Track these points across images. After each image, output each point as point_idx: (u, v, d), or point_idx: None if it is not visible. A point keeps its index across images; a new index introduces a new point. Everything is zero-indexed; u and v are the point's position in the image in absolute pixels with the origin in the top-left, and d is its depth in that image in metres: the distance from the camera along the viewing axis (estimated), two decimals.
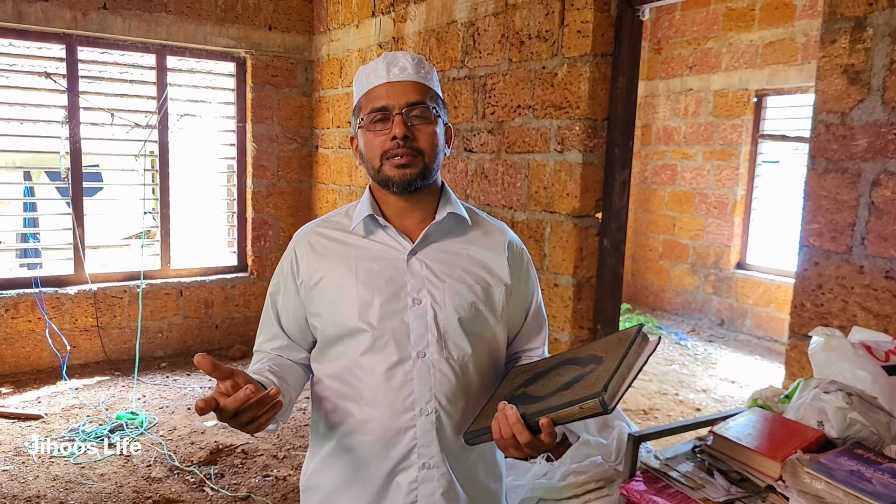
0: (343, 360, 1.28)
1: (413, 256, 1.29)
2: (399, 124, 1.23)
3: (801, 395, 1.60)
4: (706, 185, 6.38)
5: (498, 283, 1.33)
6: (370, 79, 1.29)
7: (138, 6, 4.51)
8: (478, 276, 1.31)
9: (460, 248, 1.33)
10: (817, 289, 2.06)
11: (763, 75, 5.78)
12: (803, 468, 1.33)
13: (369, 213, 1.30)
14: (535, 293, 1.43)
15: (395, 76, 1.26)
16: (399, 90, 1.25)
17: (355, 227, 1.32)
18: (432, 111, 1.27)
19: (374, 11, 4.35)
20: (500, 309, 1.33)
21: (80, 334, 4.58)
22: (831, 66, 2.00)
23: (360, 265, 1.28)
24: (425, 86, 1.28)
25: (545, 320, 1.46)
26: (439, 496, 1.25)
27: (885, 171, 1.88)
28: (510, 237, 1.40)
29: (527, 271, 1.40)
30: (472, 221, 1.37)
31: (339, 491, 1.31)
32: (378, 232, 1.31)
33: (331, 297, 1.28)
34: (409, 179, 1.24)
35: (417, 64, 1.28)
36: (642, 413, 4.18)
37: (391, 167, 1.24)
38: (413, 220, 1.32)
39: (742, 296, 6.09)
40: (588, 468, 1.77)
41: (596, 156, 2.85)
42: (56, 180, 4.73)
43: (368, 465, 1.26)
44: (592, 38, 2.76)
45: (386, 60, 1.28)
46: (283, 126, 5.21)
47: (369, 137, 1.27)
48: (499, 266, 1.34)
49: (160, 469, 3.21)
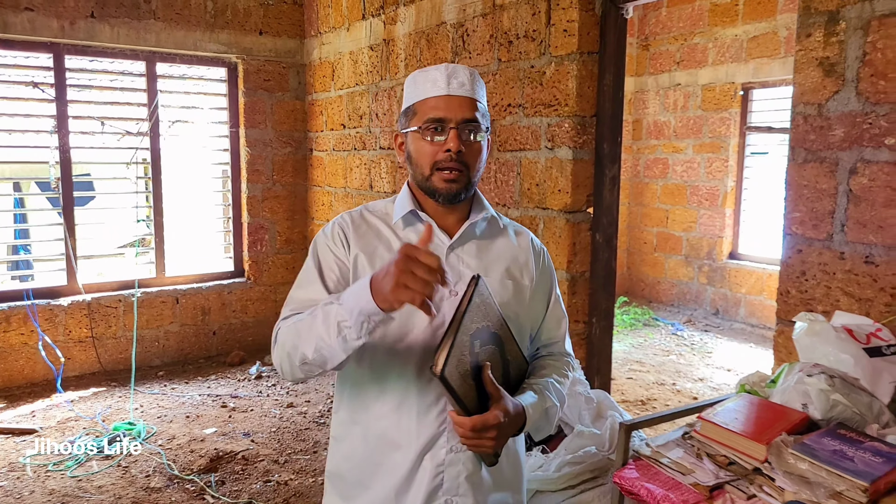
0: (379, 344, 1.31)
1: (451, 252, 1.37)
2: (454, 139, 1.31)
3: (786, 379, 1.65)
4: (697, 177, 6.44)
5: (526, 281, 1.43)
6: (429, 87, 1.35)
7: (126, 14, 4.53)
8: (510, 273, 1.41)
9: (493, 247, 1.42)
10: (801, 275, 2.10)
11: (748, 69, 5.85)
12: (788, 449, 1.37)
13: (411, 208, 1.38)
14: (553, 288, 1.52)
15: (454, 90, 1.33)
16: (457, 105, 1.32)
17: (396, 221, 1.39)
18: (483, 127, 1.35)
19: (365, 14, 4.39)
20: (527, 304, 1.43)
21: (74, 346, 4.56)
22: (807, 60, 2.05)
23: None
24: (478, 102, 1.36)
25: (564, 314, 1.54)
26: (464, 479, 1.30)
27: (862, 160, 1.93)
28: (532, 238, 1.51)
29: (548, 269, 1.51)
30: (501, 223, 1.47)
31: (367, 474, 1.34)
32: (418, 225, 1.39)
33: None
34: (454, 193, 1.34)
35: (474, 80, 1.36)
36: (640, 403, 4.23)
37: (440, 180, 1.33)
38: (450, 220, 1.40)
39: (735, 285, 6.16)
40: (583, 458, 1.81)
41: (586, 152, 2.90)
42: (46, 190, 4.73)
43: (397, 451, 1.30)
44: (578, 36, 2.80)
45: (447, 72, 1.35)
46: (277, 130, 5.24)
47: (422, 145, 1.34)
48: (526, 265, 1.45)
49: (159, 479, 3.19)
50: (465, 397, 1.20)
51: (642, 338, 5.80)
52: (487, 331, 1.26)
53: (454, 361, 1.18)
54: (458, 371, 1.19)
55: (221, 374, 4.73)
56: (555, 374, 1.43)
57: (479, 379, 1.23)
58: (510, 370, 1.34)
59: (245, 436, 3.70)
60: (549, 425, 1.38)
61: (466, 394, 1.20)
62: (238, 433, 3.73)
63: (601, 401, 2.03)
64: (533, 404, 1.30)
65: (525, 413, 1.27)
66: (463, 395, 1.19)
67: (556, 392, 1.39)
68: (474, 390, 1.23)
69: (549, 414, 1.36)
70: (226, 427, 3.80)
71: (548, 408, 1.35)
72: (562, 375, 1.45)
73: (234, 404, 4.14)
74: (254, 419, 3.92)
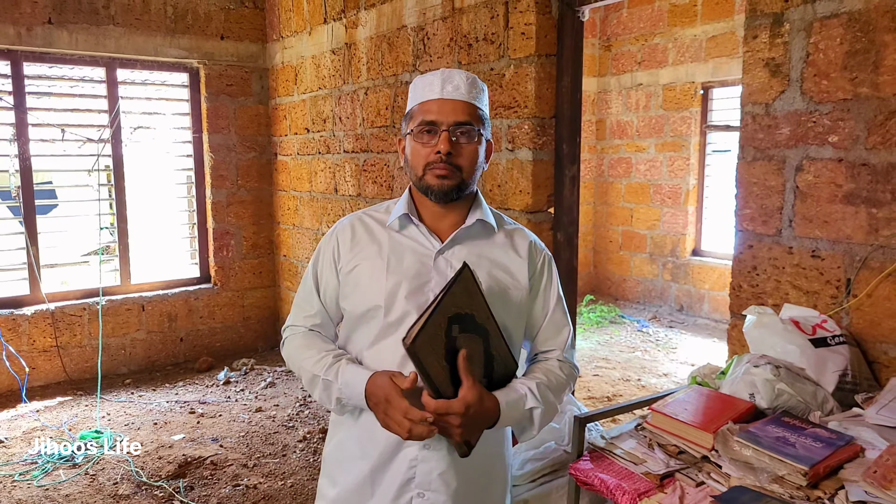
0: (362, 342, 1.40)
1: (440, 256, 1.40)
2: (444, 141, 1.34)
3: (735, 370, 1.71)
4: (660, 176, 6.56)
5: (517, 286, 1.43)
6: (425, 91, 1.40)
7: (85, 19, 4.47)
8: (497, 279, 1.41)
9: (484, 252, 1.43)
10: (752, 270, 2.17)
11: (707, 68, 5.98)
12: (733, 437, 1.43)
13: (405, 212, 1.42)
14: (553, 295, 1.49)
15: (448, 94, 1.37)
16: (450, 108, 1.36)
17: (391, 223, 1.44)
18: (476, 131, 1.37)
19: (326, 18, 4.39)
20: (516, 308, 1.42)
21: (38, 355, 4.50)
22: (754, 60, 2.13)
23: (391, 257, 1.40)
24: (474, 106, 1.39)
25: (567, 324, 1.50)
26: (436, 476, 1.33)
27: (807, 157, 2.00)
28: (532, 241, 1.50)
29: (546, 274, 1.49)
30: (499, 227, 1.48)
31: (348, 460, 1.42)
32: (411, 228, 1.43)
33: (364, 282, 1.40)
34: (446, 190, 1.36)
35: (470, 84, 1.39)
36: (606, 400, 4.30)
37: (432, 176, 1.36)
38: (446, 223, 1.43)
39: (699, 281, 6.29)
40: (545, 454, 1.85)
41: (545, 153, 2.95)
42: (7, 199, 4.64)
43: (377, 440, 1.36)
44: (536, 39, 2.85)
45: (442, 77, 1.39)
46: (241, 135, 5.21)
47: (416, 147, 1.39)
48: (519, 270, 1.44)
49: (127, 486, 3.18)
50: (436, 378, 1.22)
51: (608, 335, 5.89)
52: (471, 319, 1.27)
53: (426, 338, 1.21)
54: (431, 348, 1.21)
55: (189, 380, 4.69)
56: (548, 376, 1.39)
57: (455, 364, 1.24)
58: (494, 366, 1.33)
59: (213, 441, 3.68)
60: (534, 427, 1.35)
61: (438, 374, 1.23)
62: (206, 439, 3.71)
63: None
64: (511, 401, 1.29)
65: (499, 408, 1.27)
66: (434, 374, 1.22)
67: (543, 394, 1.34)
68: (448, 373, 1.24)
69: (535, 415, 1.32)
70: (194, 433, 3.78)
71: (531, 408, 1.32)
72: (556, 378, 1.40)
73: (202, 410, 4.11)
74: (222, 424, 3.90)
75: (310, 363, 1.40)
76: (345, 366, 1.36)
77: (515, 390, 1.32)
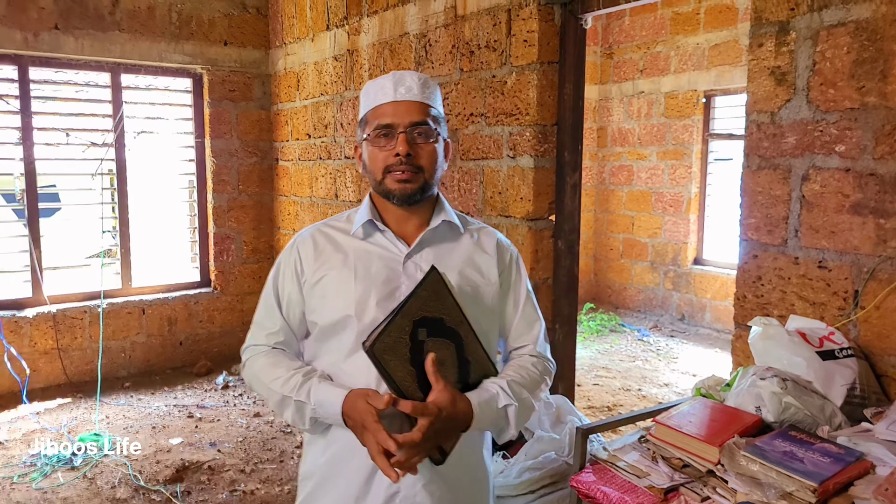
0: (334, 355, 1.36)
1: (409, 259, 1.38)
2: (403, 142, 1.32)
3: (740, 382, 1.68)
4: (661, 184, 6.55)
5: (487, 284, 1.42)
6: (377, 96, 1.37)
7: (91, 25, 4.47)
8: (468, 279, 1.40)
9: (453, 253, 1.42)
10: (757, 280, 2.15)
11: (710, 76, 5.98)
12: (740, 451, 1.40)
13: (369, 218, 1.39)
14: (522, 289, 1.48)
15: (401, 95, 1.35)
16: (404, 109, 1.34)
17: (355, 231, 1.40)
18: (434, 130, 1.36)
19: (329, 25, 4.39)
20: (489, 308, 1.41)
21: (39, 357, 4.50)
22: (760, 69, 2.11)
23: (358, 265, 1.37)
24: (428, 105, 1.37)
25: (539, 317, 1.49)
26: (421, 487, 1.31)
27: (814, 167, 1.98)
28: (499, 238, 1.49)
29: (515, 270, 1.48)
30: (464, 228, 1.46)
31: (330, 478, 1.37)
32: (376, 235, 1.41)
33: (330, 293, 1.36)
34: (409, 193, 1.35)
35: (423, 84, 1.37)
36: (607, 409, 4.27)
37: (393, 181, 1.34)
38: (410, 227, 1.41)
39: (700, 291, 6.26)
40: (543, 464, 1.82)
41: (547, 160, 2.93)
42: (11, 202, 4.64)
43: (356, 456, 1.30)
44: (538, 46, 2.84)
45: (394, 79, 1.37)
46: (243, 140, 5.20)
47: (374, 152, 1.37)
48: (488, 268, 1.43)
49: (125, 490, 3.17)
50: (401, 382, 1.20)
51: (609, 344, 5.86)
52: (440, 323, 1.25)
53: (389, 341, 1.19)
54: (393, 352, 1.20)
55: (188, 384, 4.67)
56: (519, 373, 1.37)
57: (423, 368, 1.22)
58: (470, 371, 1.31)
59: (211, 446, 3.66)
60: (510, 425, 1.32)
61: (404, 379, 1.21)
62: (204, 443, 3.68)
63: (560, 406, 2.05)
64: (483, 401, 1.26)
65: (472, 409, 1.24)
66: (400, 379, 1.20)
67: (516, 391, 1.31)
68: (415, 378, 1.22)
69: (509, 413, 1.29)
70: (192, 437, 3.76)
71: (505, 406, 1.28)
72: (528, 374, 1.38)
73: (200, 414, 4.09)
74: (220, 429, 3.88)
75: (278, 384, 1.34)
76: (317, 384, 1.31)
77: (487, 390, 1.30)
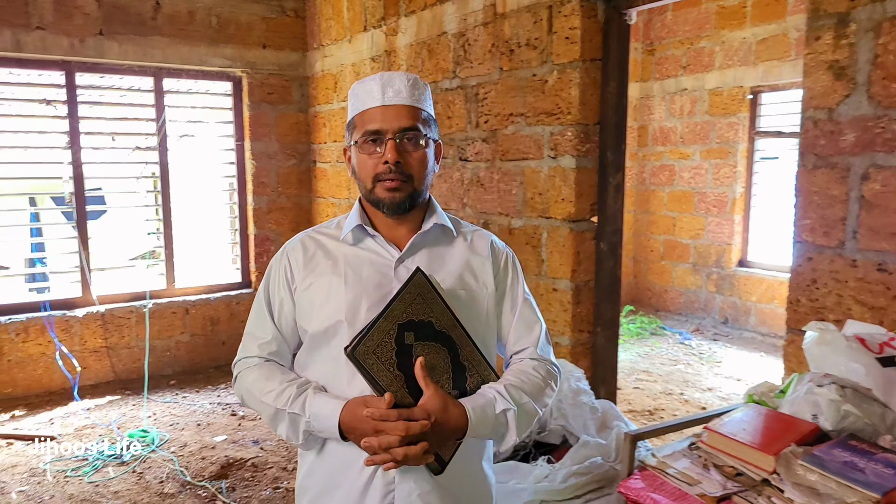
0: (328, 362, 1.31)
1: (400, 264, 1.34)
2: (391, 150, 1.28)
3: (796, 389, 1.62)
4: (704, 184, 6.40)
5: (482, 288, 1.37)
6: (365, 99, 1.33)
7: (133, 31, 4.58)
8: (462, 283, 1.36)
9: (445, 257, 1.38)
10: (812, 284, 2.07)
11: (757, 72, 5.81)
12: (797, 461, 1.35)
13: (359, 223, 1.36)
14: (519, 291, 1.44)
15: (389, 99, 1.30)
16: (393, 114, 1.30)
17: (345, 237, 1.37)
18: (423, 135, 1.32)
19: (366, 26, 4.40)
20: (485, 312, 1.37)
21: (89, 355, 4.63)
22: (817, 63, 2.03)
23: (349, 271, 1.33)
24: (418, 108, 1.33)
25: (538, 321, 1.44)
26: (416, 497, 1.26)
27: (874, 165, 1.90)
28: (493, 240, 1.45)
29: (511, 272, 1.43)
30: (457, 231, 1.42)
31: (326, 491, 1.33)
32: (367, 240, 1.37)
33: (321, 299, 1.33)
34: (398, 202, 1.31)
35: (412, 86, 1.33)
36: (648, 413, 4.19)
37: (382, 190, 1.31)
38: (401, 231, 1.37)
39: (745, 293, 6.10)
40: (589, 469, 1.79)
41: (589, 160, 2.88)
42: (60, 205, 4.79)
43: (351, 467, 1.28)
44: (581, 44, 2.79)
45: (381, 81, 1.32)
46: (281, 142, 5.26)
47: (363, 158, 1.33)
48: (483, 271, 1.39)
49: (172, 485, 3.24)
50: (388, 387, 1.18)
51: (649, 347, 5.75)
52: (429, 327, 1.22)
53: (371, 345, 1.17)
54: (377, 356, 1.18)
55: (230, 383, 4.74)
56: (518, 377, 1.33)
57: (413, 373, 1.20)
58: (467, 377, 1.27)
59: (254, 443, 3.71)
60: (511, 431, 1.27)
61: (391, 385, 1.18)
62: (247, 441, 3.75)
63: (606, 410, 2.01)
64: (478, 406, 1.22)
65: (467, 415, 1.20)
66: (386, 385, 1.18)
67: (514, 395, 1.27)
68: (403, 384, 1.19)
69: (508, 417, 1.25)
70: (235, 435, 3.83)
71: (504, 410, 1.24)
72: (529, 378, 1.34)
73: (242, 412, 4.16)
74: (262, 427, 3.93)
75: (271, 397, 1.29)
76: (312, 396, 1.27)
77: (482, 395, 1.26)
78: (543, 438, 2.08)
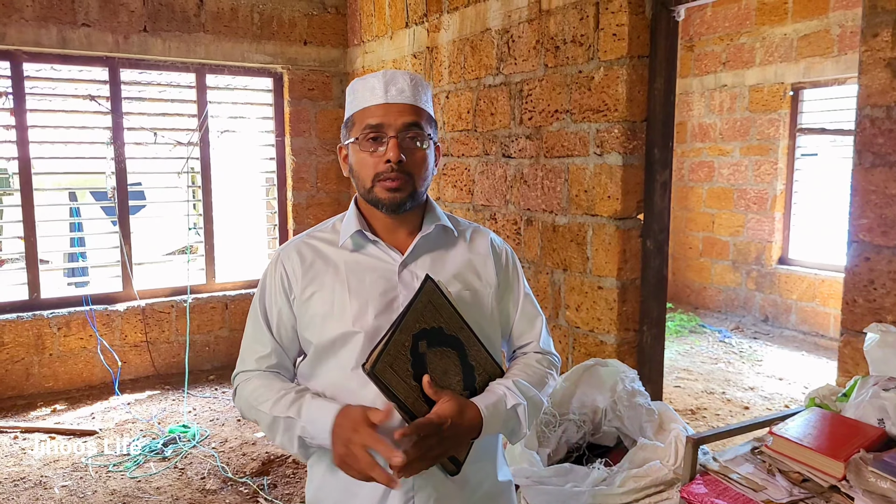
0: (335, 372, 1.29)
1: (404, 269, 1.32)
2: (394, 148, 1.24)
3: (860, 392, 1.59)
4: (744, 180, 6.29)
5: (486, 286, 1.37)
6: (367, 96, 1.29)
7: (177, 27, 4.65)
8: (467, 283, 1.35)
9: (447, 258, 1.36)
10: (869, 284, 2.03)
11: (799, 68, 5.69)
12: (867, 467, 1.32)
13: (357, 228, 1.32)
14: (520, 287, 1.44)
15: (392, 97, 1.27)
16: (396, 112, 1.26)
17: (344, 243, 1.33)
18: (426, 135, 1.29)
19: (408, 22, 4.41)
20: (490, 310, 1.36)
21: (130, 350, 4.69)
22: (874, 60, 1.99)
23: (351, 278, 1.30)
24: (420, 108, 1.30)
25: (539, 313, 1.45)
26: (433, 502, 1.24)
27: None
28: (491, 238, 1.44)
29: (511, 268, 1.43)
30: (457, 230, 1.40)
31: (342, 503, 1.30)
32: (368, 246, 1.34)
33: (325, 310, 1.29)
34: (398, 202, 1.27)
35: (415, 86, 1.30)
36: (690, 413, 4.14)
37: (382, 190, 1.27)
38: (401, 234, 1.35)
39: (786, 291, 5.99)
40: (647, 472, 1.78)
41: (636, 157, 2.86)
42: (101, 200, 4.87)
43: None
44: (628, 40, 2.76)
45: (385, 79, 1.29)
46: (321, 138, 5.30)
47: (362, 156, 1.29)
48: (485, 269, 1.38)
49: (214, 481, 3.27)
50: (406, 399, 1.17)
51: (689, 345, 5.68)
52: (439, 332, 1.22)
53: (389, 359, 1.16)
54: (394, 370, 1.17)
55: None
56: (525, 371, 1.34)
57: None
58: (475, 375, 1.28)
59: None
60: (522, 425, 1.28)
61: (408, 396, 1.18)
62: None
63: (662, 412, 1.99)
64: (491, 404, 1.22)
65: (480, 414, 1.20)
66: (404, 397, 1.17)
67: (523, 389, 1.28)
68: (419, 393, 1.19)
69: (519, 412, 1.25)
70: None
71: (514, 406, 1.24)
72: (534, 371, 1.35)
73: None
74: None
75: (268, 405, 1.26)
76: (309, 401, 1.24)
77: (493, 392, 1.26)
78: (597, 440, 2.07)
